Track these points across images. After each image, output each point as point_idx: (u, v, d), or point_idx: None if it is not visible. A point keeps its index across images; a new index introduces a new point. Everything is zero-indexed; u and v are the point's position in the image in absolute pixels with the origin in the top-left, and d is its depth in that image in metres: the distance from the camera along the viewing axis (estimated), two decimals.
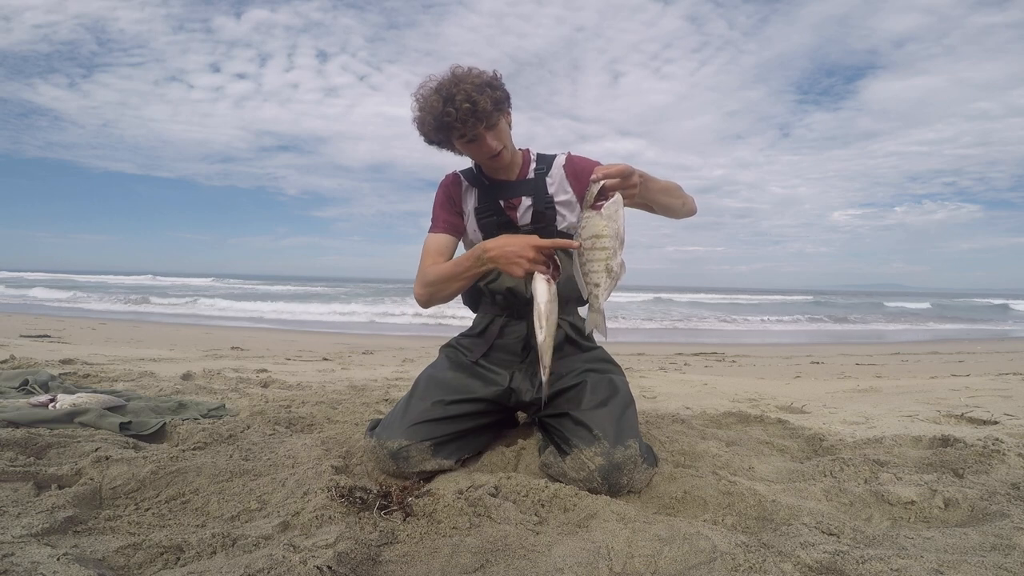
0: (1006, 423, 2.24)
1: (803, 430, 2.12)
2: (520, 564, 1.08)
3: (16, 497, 1.28)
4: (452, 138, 1.57)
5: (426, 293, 1.61)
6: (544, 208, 1.67)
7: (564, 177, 1.70)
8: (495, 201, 1.68)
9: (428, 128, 1.55)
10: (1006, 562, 1.04)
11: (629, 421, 1.51)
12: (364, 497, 1.32)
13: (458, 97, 1.47)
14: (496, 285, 1.68)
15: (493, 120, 1.54)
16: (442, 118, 1.49)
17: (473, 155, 1.63)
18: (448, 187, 1.74)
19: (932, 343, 9.72)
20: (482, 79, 1.52)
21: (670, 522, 1.21)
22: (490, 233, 1.64)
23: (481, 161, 1.65)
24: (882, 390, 3.42)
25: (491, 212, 1.68)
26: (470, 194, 1.72)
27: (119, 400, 2.13)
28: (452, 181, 1.75)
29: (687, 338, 10.59)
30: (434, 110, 1.50)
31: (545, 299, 1.38)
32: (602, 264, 1.33)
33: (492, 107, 1.51)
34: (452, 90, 1.48)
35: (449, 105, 1.48)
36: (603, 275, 1.33)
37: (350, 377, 3.69)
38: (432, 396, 1.58)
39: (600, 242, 1.32)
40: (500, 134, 1.58)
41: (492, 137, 1.56)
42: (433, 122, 1.52)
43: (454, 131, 1.52)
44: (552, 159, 1.73)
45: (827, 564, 1.03)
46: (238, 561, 1.03)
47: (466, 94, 1.47)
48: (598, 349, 1.75)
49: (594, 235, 1.32)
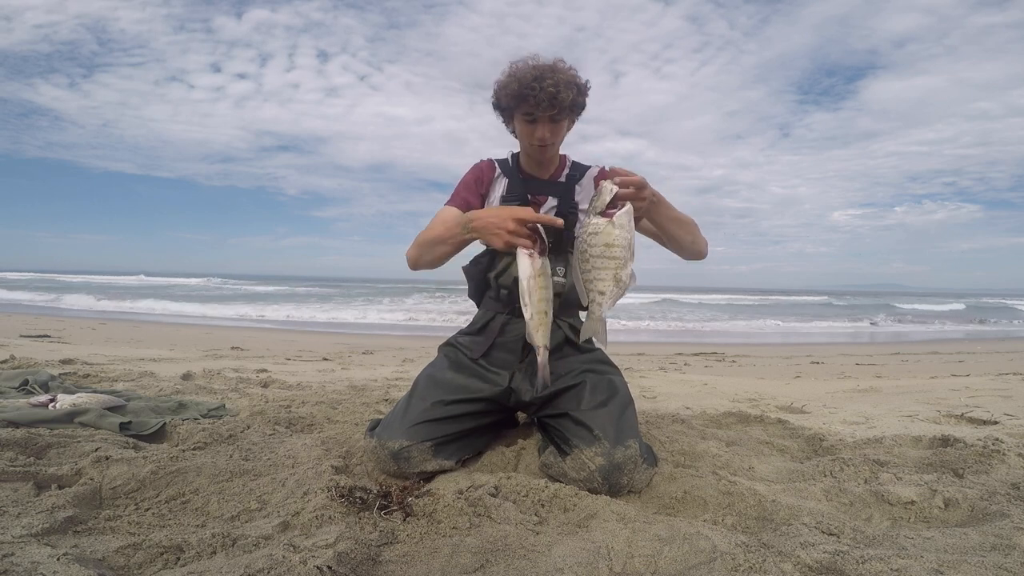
0: (1006, 423, 2.25)
1: (803, 430, 2.12)
2: (520, 564, 1.08)
3: (16, 497, 1.28)
4: (520, 110, 1.61)
5: (415, 254, 1.66)
6: (567, 212, 1.69)
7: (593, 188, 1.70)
8: (523, 194, 1.71)
9: (507, 92, 1.60)
10: (1006, 562, 1.04)
11: (629, 421, 1.52)
12: (364, 497, 1.32)
13: (548, 80, 1.54)
14: (504, 279, 1.69)
15: (562, 115, 1.61)
16: (525, 88, 1.55)
17: (525, 135, 1.65)
18: (481, 170, 1.78)
19: (932, 343, 9.71)
20: (575, 80, 1.60)
21: (670, 522, 1.21)
22: None
23: (527, 145, 1.68)
24: (882, 390, 3.42)
25: (517, 203, 1.69)
26: (500, 182, 1.75)
27: (119, 400, 2.13)
28: (487, 166, 1.79)
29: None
30: (522, 80, 1.56)
31: (528, 274, 1.36)
32: (611, 273, 1.31)
33: (569, 104, 1.58)
34: (546, 73, 1.56)
35: (537, 82, 1.54)
36: (610, 283, 1.31)
37: (350, 377, 3.69)
38: (432, 396, 1.58)
39: (611, 251, 1.30)
40: (558, 130, 1.64)
41: (551, 128, 1.61)
42: (516, 88, 1.57)
43: (526, 103, 1.57)
44: (586, 169, 1.78)
45: (827, 564, 1.03)
46: (238, 561, 1.03)
47: (556, 81, 1.55)
48: (597, 351, 1.75)
49: (606, 243, 1.30)
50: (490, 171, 1.77)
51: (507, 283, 1.68)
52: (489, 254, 1.74)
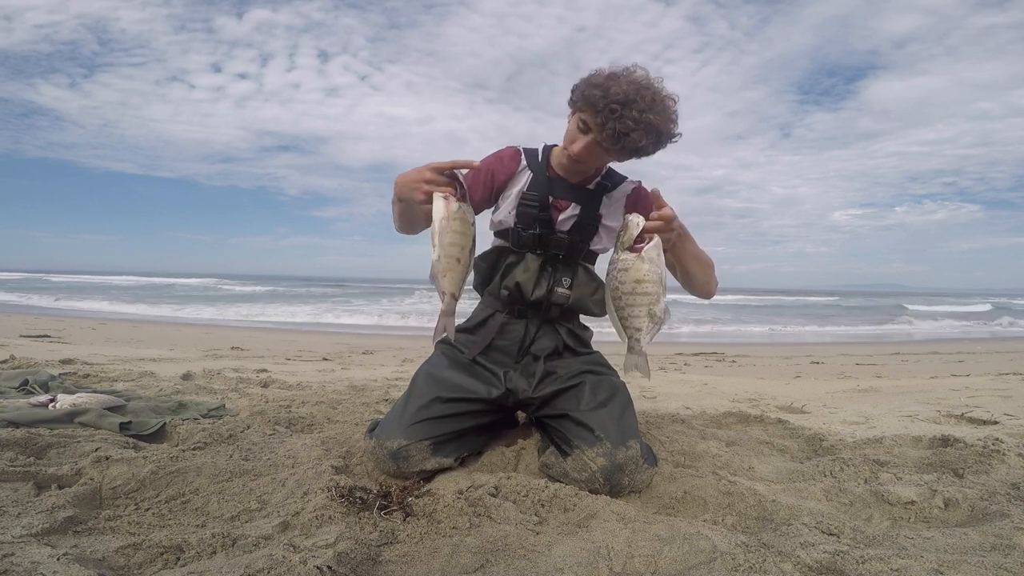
0: (1006, 423, 2.25)
1: (803, 430, 2.12)
2: (520, 564, 1.08)
3: (16, 497, 1.28)
4: (584, 113, 1.44)
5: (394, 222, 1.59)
6: (587, 223, 1.63)
7: (623, 205, 1.66)
8: (545, 195, 1.60)
9: (591, 93, 1.41)
10: (1006, 562, 1.04)
11: (630, 422, 1.52)
12: (364, 497, 1.32)
13: (638, 109, 1.37)
14: (508, 280, 1.65)
15: (622, 155, 1.49)
16: (608, 102, 1.38)
17: (572, 139, 1.50)
18: (502, 159, 1.65)
19: (932, 343, 9.71)
20: (665, 127, 1.43)
21: (670, 522, 1.21)
22: (526, 223, 1.61)
23: (564, 151, 1.56)
24: (882, 390, 3.42)
25: (537, 203, 1.60)
26: (523, 175, 1.64)
27: (119, 400, 2.13)
28: (511, 156, 1.66)
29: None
30: (614, 93, 1.38)
31: (440, 215, 1.30)
32: (645, 309, 1.30)
33: (637, 148, 1.43)
34: (643, 101, 1.38)
35: (625, 108, 1.37)
36: (645, 320, 1.31)
37: (350, 377, 3.69)
38: (430, 394, 1.58)
39: (643, 287, 1.29)
40: (605, 159, 1.54)
41: (600, 156, 1.50)
42: (600, 97, 1.39)
43: (595, 115, 1.41)
44: (621, 181, 1.68)
45: (827, 564, 1.03)
46: (238, 561, 1.03)
47: (645, 119, 1.38)
48: (595, 354, 1.75)
49: (636, 280, 1.29)
50: (514, 162, 1.65)
51: (510, 284, 1.65)
52: (495, 251, 1.69)
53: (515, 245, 1.65)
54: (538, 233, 1.61)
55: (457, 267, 1.33)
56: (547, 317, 1.68)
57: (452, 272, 1.32)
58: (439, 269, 1.32)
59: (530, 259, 1.63)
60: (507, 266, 1.66)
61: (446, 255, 1.31)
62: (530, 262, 1.63)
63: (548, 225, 1.62)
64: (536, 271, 1.63)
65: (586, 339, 1.78)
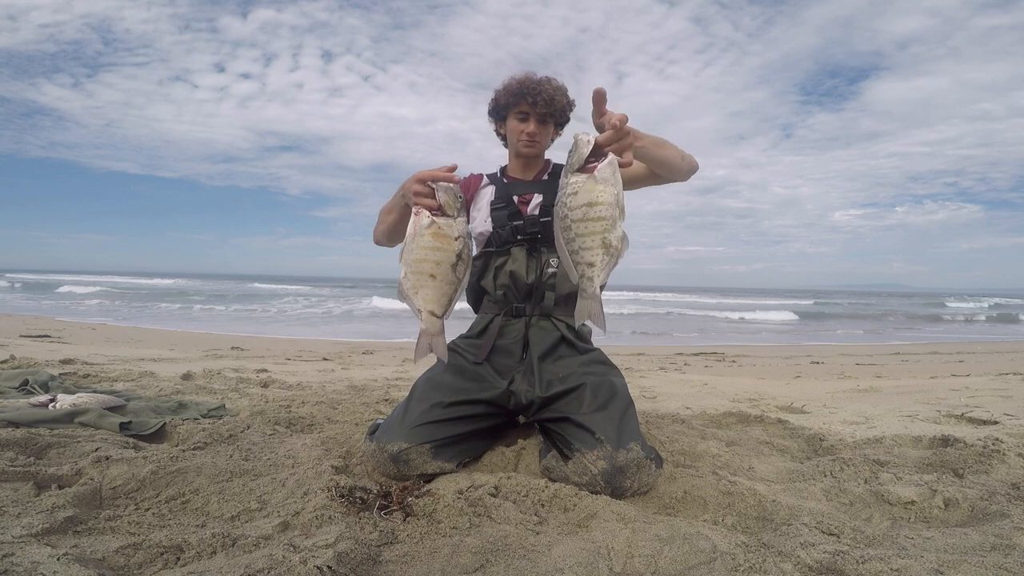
0: (1006, 423, 2.25)
1: (803, 430, 2.12)
2: (520, 564, 1.08)
3: (16, 497, 1.28)
4: (516, 108, 1.75)
5: (376, 229, 1.69)
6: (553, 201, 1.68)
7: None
8: (509, 196, 1.79)
9: (509, 89, 1.75)
10: (1006, 562, 1.04)
11: (630, 423, 1.51)
12: (364, 497, 1.32)
13: (546, 86, 1.73)
14: (502, 278, 1.75)
15: (550, 119, 1.77)
16: (525, 86, 1.72)
17: (515, 130, 1.78)
18: (468, 181, 1.88)
19: (932, 343, 9.72)
20: (566, 96, 1.78)
21: (670, 522, 1.21)
22: (501, 222, 1.75)
23: (515, 142, 1.79)
24: (882, 390, 3.42)
25: (504, 204, 1.77)
26: (487, 191, 1.84)
27: (119, 400, 2.13)
28: (475, 177, 1.90)
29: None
30: (525, 81, 1.74)
31: (409, 231, 1.26)
32: (598, 238, 1.12)
33: (559, 110, 1.76)
34: (546, 81, 1.75)
35: (537, 85, 1.72)
36: (599, 251, 1.12)
37: (350, 377, 3.69)
38: (431, 399, 1.58)
39: (595, 211, 1.11)
40: (545, 131, 1.78)
41: (540, 127, 1.76)
42: (517, 86, 1.73)
43: (525, 99, 1.72)
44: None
45: (827, 564, 1.03)
46: (238, 561, 1.03)
47: (554, 88, 1.74)
48: (596, 351, 1.75)
49: (587, 203, 1.11)
50: (477, 179, 1.89)
51: (504, 279, 1.73)
52: (482, 259, 1.78)
53: (498, 245, 1.76)
54: (514, 225, 1.75)
55: (431, 283, 1.27)
56: (544, 309, 1.73)
57: (425, 288, 1.28)
58: (407, 287, 1.27)
59: (516, 251, 1.74)
60: (497, 267, 1.76)
61: (414, 272, 1.26)
62: (516, 254, 1.74)
63: (520, 216, 1.76)
64: (524, 259, 1.73)
65: (585, 334, 1.79)
